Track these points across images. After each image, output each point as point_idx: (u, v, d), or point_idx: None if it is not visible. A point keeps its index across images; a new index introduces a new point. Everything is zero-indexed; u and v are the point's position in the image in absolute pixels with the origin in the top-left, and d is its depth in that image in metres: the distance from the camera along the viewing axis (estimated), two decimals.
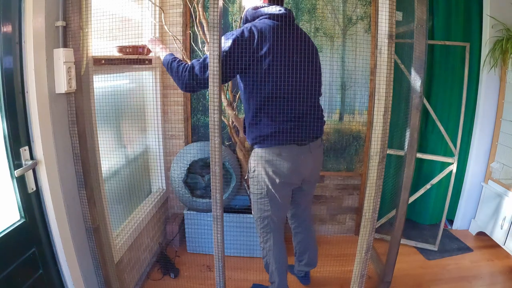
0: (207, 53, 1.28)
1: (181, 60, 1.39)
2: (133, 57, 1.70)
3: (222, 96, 2.06)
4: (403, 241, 2.35)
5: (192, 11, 2.21)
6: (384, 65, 1.17)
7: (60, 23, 1.21)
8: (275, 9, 1.37)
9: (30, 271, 1.18)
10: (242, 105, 2.31)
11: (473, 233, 2.54)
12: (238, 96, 2.15)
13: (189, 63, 1.34)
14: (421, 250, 2.33)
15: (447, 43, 2.23)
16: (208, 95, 1.86)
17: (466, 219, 2.60)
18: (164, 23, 1.98)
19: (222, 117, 2.13)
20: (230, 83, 2.13)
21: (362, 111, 2.33)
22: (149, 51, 1.85)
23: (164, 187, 2.33)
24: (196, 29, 2.20)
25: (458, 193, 2.59)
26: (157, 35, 2.10)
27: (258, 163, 1.47)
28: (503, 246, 2.17)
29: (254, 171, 1.50)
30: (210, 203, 1.49)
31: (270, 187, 1.48)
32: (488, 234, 2.34)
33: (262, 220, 1.59)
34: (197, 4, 1.89)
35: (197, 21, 1.97)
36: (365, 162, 2.39)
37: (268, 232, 1.62)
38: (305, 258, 1.85)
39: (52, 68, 1.21)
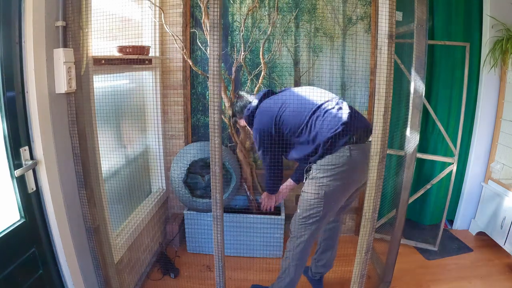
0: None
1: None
2: (133, 57, 1.70)
3: (224, 97, 2.07)
4: (403, 241, 2.35)
5: (192, 11, 2.21)
6: (384, 65, 1.17)
7: (60, 23, 1.21)
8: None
9: (30, 271, 1.18)
10: None
11: (473, 233, 2.54)
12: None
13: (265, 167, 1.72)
14: (421, 250, 2.33)
15: (447, 43, 2.23)
16: (208, 95, 1.86)
17: (466, 219, 2.60)
18: (164, 23, 1.98)
19: (222, 117, 2.14)
20: (233, 84, 2.13)
21: (362, 111, 2.33)
22: (148, 51, 1.85)
23: (164, 187, 2.33)
24: (197, 29, 2.21)
25: (458, 193, 2.59)
26: (157, 35, 2.10)
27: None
28: (503, 246, 2.17)
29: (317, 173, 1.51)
30: (210, 203, 1.49)
31: (331, 190, 1.50)
32: (488, 234, 2.34)
33: (308, 218, 1.57)
34: (203, 3, 1.89)
35: (203, 21, 1.97)
36: None
37: (307, 229, 1.58)
38: (325, 257, 1.84)
39: (52, 68, 1.21)
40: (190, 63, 2.01)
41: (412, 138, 1.62)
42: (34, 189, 1.19)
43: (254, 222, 2.13)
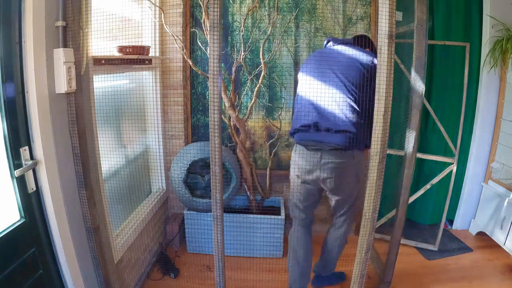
0: None
1: None
2: (133, 57, 1.70)
3: (224, 97, 2.07)
4: (403, 241, 2.35)
5: (192, 11, 2.21)
6: (384, 65, 1.17)
7: (60, 23, 1.21)
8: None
9: (30, 271, 1.18)
10: (244, 106, 2.31)
11: (473, 233, 2.54)
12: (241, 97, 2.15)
13: None
14: (421, 250, 2.33)
15: (447, 43, 2.23)
16: (208, 95, 1.86)
17: (466, 219, 2.60)
18: (164, 23, 1.98)
19: (222, 117, 2.14)
20: (233, 84, 2.13)
21: None
22: (148, 51, 1.85)
23: (164, 187, 2.33)
24: (197, 29, 2.21)
25: (458, 193, 2.59)
26: (157, 35, 2.10)
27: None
28: (503, 246, 2.17)
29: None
30: (210, 203, 1.49)
31: (292, 174, 1.70)
32: (488, 234, 2.34)
33: (290, 204, 1.78)
34: (203, 3, 1.89)
35: (203, 21, 1.97)
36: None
37: (292, 218, 1.78)
38: (321, 259, 1.89)
39: (52, 68, 1.21)
40: (190, 63, 2.02)
41: (412, 138, 1.62)
42: (34, 189, 1.19)
43: (254, 222, 2.13)
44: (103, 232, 1.46)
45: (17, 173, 1.09)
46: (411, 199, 2.25)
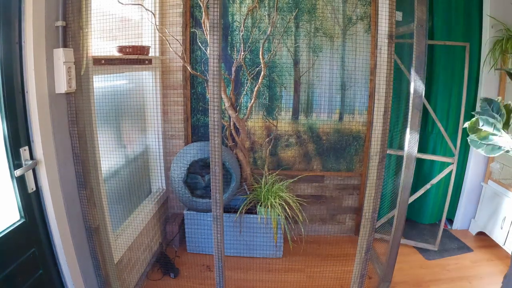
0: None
1: None
2: (133, 57, 1.70)
3: (224, 97, 2.07)
4: (403, 241, 2.35)
5: (192, 11, 2.21)
6: (384, 65, 1.17)
7: (60, 23, 1.22)
8: None
9: (30, 271, 1.18)
10: (244, 106, 2.31)
11: (473, 233, 2.54)
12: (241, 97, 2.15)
13: None
14: (421, 250, 2.33)
15: (447, 43, 2.23)
16: (208, 95, 1.86)
17: (466, 219, 2.60)
18: (157, 28, 1.98)
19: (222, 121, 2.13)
20: (232, 84, 2.13)
21: (362, 111, 2.33)
22: (148, 51, 1.84)
23: (164, 187, 2.33)
24: (197, 29, 2.21)
25: (458, 193, 2.59)
26: (157, 35, 2.10)
27: None
28: (503, 246, 2.17)
29: None
30: (210, 203, 1.49)
31: None
32: (488, 234, 2.34)
33: None
34: (203, 3, 1.90)
35: (203, 21, 1.97)
36: (365, 162, 2.39)
37: None
38: None
39: (52, 68, 1.21)
40: (189, 69, 2.01)
41: (412, 138, 1.62)
42: (34, 189, 1.19)
43: (254, 222, 2.13)
44: (103, 232, 1.46)
45: (17, 173, 1.09)
46: (411, 199, 2.24)
